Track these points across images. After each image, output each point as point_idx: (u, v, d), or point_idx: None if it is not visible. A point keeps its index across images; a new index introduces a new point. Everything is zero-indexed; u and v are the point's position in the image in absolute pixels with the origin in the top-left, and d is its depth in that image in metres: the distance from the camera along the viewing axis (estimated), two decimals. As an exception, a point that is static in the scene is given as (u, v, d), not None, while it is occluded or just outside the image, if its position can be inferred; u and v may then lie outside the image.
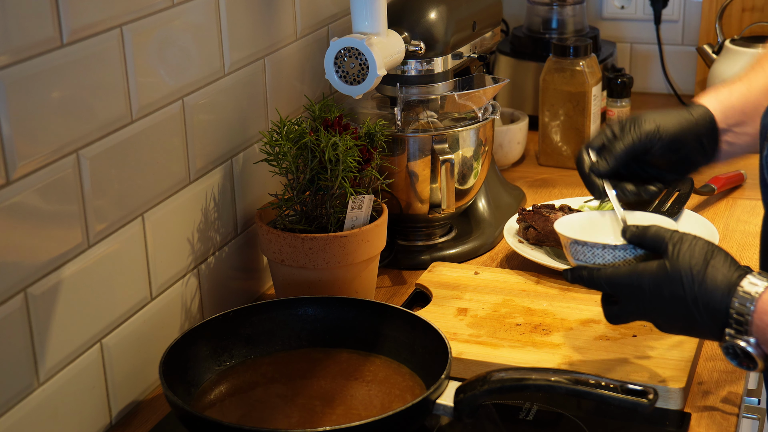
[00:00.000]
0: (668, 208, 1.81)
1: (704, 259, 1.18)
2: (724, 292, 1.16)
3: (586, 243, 1.28)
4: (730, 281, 1.16)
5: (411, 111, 1.70)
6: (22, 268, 1.16)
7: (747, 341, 1.15)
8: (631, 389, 1.18)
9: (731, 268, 1.17)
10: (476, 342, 1.46)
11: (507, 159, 2.10)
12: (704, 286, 1.16)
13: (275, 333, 1.40)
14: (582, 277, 1.26)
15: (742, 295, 1.15)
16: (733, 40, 2.27)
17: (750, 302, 1.14)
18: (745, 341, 1.15)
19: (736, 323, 1.15)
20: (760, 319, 1.13)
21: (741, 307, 1.14)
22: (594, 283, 1.25)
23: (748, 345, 1.15)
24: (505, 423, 1.32)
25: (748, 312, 1.14)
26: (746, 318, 1.14)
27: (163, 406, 1.37)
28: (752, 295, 1.14)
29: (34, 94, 1.15)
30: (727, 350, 1.16)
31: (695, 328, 1.20)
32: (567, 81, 2.06)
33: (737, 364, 1.17)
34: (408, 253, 1.74)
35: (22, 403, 1.18)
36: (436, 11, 1.66)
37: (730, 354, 1.16)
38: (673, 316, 1.20)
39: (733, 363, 1.17)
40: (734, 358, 1.17)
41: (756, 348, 1.15)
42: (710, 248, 1.19)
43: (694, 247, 1.19)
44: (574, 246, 1.29)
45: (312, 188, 1.49)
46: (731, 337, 1.16)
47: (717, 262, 1.17)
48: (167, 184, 1.40)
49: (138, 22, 1.30)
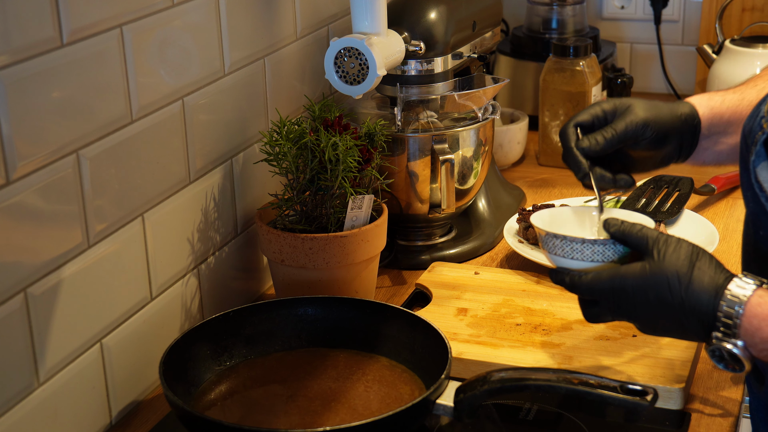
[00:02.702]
0: (668, 208, 1.81)
1: (690, 262, 1.17)
2: (711, 295, 1.15)
3: (565, 237, 1.24)
4: (717, 284, 1.15)
5: (411, 111, 1.70)
6: (22, 268, 1.16)
7: (735, 344, 1.14)
8: (631, 389, 1.18)
9: (717, 270, 1.17)
10: (476, 342, 1.46)
11: (507, 159, 2.10)
12: (691, 289, 1.16)
13: (275, 333, 1.40)
14: (563, 282, 1.25)
15: (731, 299, 1.14)
16: (733, 40, 2.26)
17: (738, 305, 1.13)
18: (733, 344, 1.14)
19: (724, 326, 1.14)
20: (749, 322, 1.13)
21: (729, 311, 1.14)
22: (575, 288, 1.24)
23: (735, 348, 1.14)
24: (505, 423, 1.32)
25: (737, 315, 1.13)
26: (735, 321, 1.14)
27: (163, 406, 1.37)
28: (740, 299, 1.14)
29: (34, 94, 1.15)
30: (713, 353, 1.16)
31: (679, 331, 1.19)
32: (567, 81, 2.06)
33: (723, 367, 1.16)
34: (408, 253, 1.74)
35: (22, 403, 1.18)
36: (436, 11, 1.66)
37: (716, 357, 1.16)
38: (657, 319, 1.20)
39: (719, 366, 1.16)
40: (720, 361, 1.16)
41: (744, 351, 1.14)
42: (695, 250, 1.18)
43: (680, 249, 1.18)
44: (552, 240, 1.25)
45: (312, 188, 1.49)
46: (718, 340, 1.15)
47: (703, 265, 1.17)
48: (167, 184, 1.40)
49: (138, 22, 1.30)
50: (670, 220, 1.79)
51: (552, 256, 1.26)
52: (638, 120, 1.32)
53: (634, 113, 1.33)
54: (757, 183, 1.17)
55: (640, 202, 1.84)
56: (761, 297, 1.14)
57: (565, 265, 1.25)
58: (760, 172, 1.16)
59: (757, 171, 1.17)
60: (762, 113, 1.16)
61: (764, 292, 1.14)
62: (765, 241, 1.20)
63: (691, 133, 1.36)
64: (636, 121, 1.32)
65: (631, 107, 1.33)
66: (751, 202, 1.20)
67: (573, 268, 1.24)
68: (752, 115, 1.19)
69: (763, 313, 1.13)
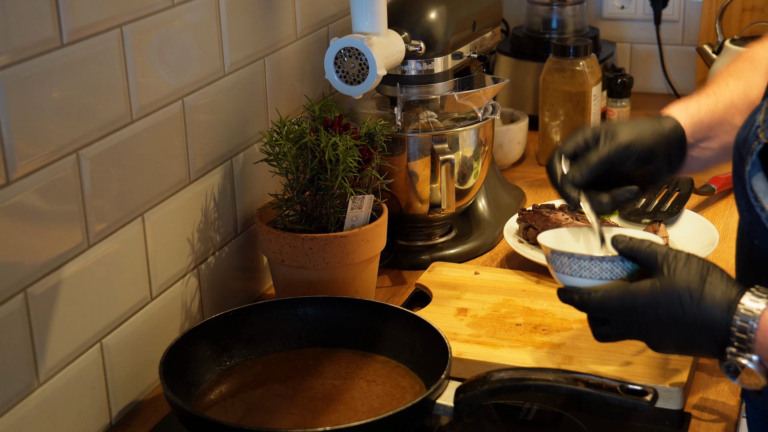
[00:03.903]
0: (668, 208, 1.81)
1: (701, 277, 1.15)
2: (724, 309, 1.13)
3: (572, 255, 1.22)
4: (730, 298, 1.13)
5: (411, 111, 1.70)
6: (22, 268, 1.16)
7: (750, 359, 1.12)
8: (631, 389, 1.17)
9: (729, 284, 1.15)
10: (476, 342, 1.46)
11: (507, 159, 2.10)
12: (703, 305, 1.14)
13: (275, 333, 1.40)
14: (572, 300, 1.23)
15: (744, 313, 1.12)
16: (733, 40, 2.26)
17: (753, 320, 1.11)
18: (748, 359, 1.12)
19: (738, 341, 1.12)
20: (764, 336, 1.11)
21: (743, 325, 1.12)
22: (586, 306, 1.22)
23: (750, 362, 1.12)
24: (505, 423, 1.32)
25: (751, 329, 1.11)
26: (749, 336, 1.12)
27: (163, 406, 1.36)
28: (755, 313, 1.12)
29: (34, 94, 1.15)
30: (728, 368, 1.14)
31: (692, 347, 1.18)
32: (567, 81, 2.06)
33: (738, 383, 1.14)
34: (408, 253, 1.74)
35: (22, 403, 1.18)
36: (436, 11, 1.66)
37: (731, 372, 1.14)
38: (668, 336, 1.18)
39: (734, 381, 1.14)
40: (735, 376, 1.14)
41: (759, 366, 1.12)
42: (705, 265, 1.17)
43: (690, 264, 1.16)
44: (560, 258, 1.23)
45: (312, 188, 1.49)
46: (732, 356, 1.13)
47: (714, 279, 1.15)
48: (167, 184, 1.40)
49: (138, 22, 1.30)
50: (670, 220, 1.79)
51: (560, 275, 1.25)
52: (620, 141, 1.31)
53: (615, 136, 1.32)
54: (753, 193, 1.15)
55: (640, 202, 1.84)
56: None
57: (574, 284, 1.23)
58: (755, 182, 1.15)
59: (753, 181, 1.15)
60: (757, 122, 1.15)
61: None
62: (761, 250, 1.19)
63: (679, 146, 1.34)
64: (618, 142, 1.31)
65: (611, 131, 1.33)
66: (746, 212, 1.19)
67: (582, 286, 1.23)
68: (746, 125, 1.17)
69: None
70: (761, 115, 1.15)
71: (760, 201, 1.15)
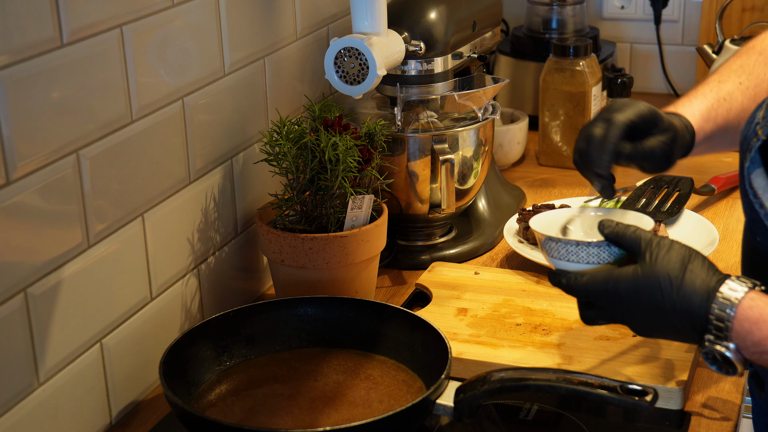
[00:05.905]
0: (668, 208, 1.81)
1: (682, 264, 1.16)
2: (702, 297, 1.14)
3: (560, 240, 1.25)
4: (709, 286, 1.14)
5: (411, 111, 1.70)
6: (22, 268, 1.16)
7: (727, 347, 1.13)
8: (631, 389, 1.17)
9: (710, 272, 1.16)
10: (476, 342, 1.46)
11: (507, 159, 2.10)
12: (682, 292, 1.15)
13: (275, 333, 1.40)
14: (560, 284, 1.25)
15: (722, 301, 1.13)
16: (733, 40, 2.26)
17: (730, 308, 1.12)
18: (725, 347, 1.13)
19: (716, 329, 1.14)
20: (740, 325, 1.12)
21: (720, 313, 1.13)
22: (572, 290, 1.24)
23: (727, 350, 1.13)
24: (505, 423, 1.32)
25: (728, 318, 1.13)
26: (726, 324, 1.13)
27: (163, 406, 1.37)
28: (732, 301, 1.13)
29: (34, 94, 1.15)
30: (706, 356, 1.15)
31: (673, 333, 1.19)
32: (567, 81, 2.06)
33: (717, 369, 1.15)
34: (408, 253, 1.74)
35: (22, 403, 1.18)
36: (436, 11, 1.66)
37: (709, 359, 1.15)
38: (651, 322, 1.19)
39: (712, 368, 1.16)
40: (713, 363, 1.15)
41: (736, 354, 1.13)
42: (688, 252, 1.17)
43: (672, 251, 1.17)
44: (549, 243, 1.26)
45: (312, 188, 1.49)
46: (711, 343, 1.14)
47: (695, 267, 1.16)
48: (167, 184, 1.40)
49: (138, 22, 1.30)
50: (670, 220, 1.79)
51: (551, 259, 1.27)
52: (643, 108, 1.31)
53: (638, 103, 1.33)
54: (752, 189, 1.16)
55: (640, 202, 1.84)
56: (753, 300, 1.13)
57: (563, 268, 1.26)
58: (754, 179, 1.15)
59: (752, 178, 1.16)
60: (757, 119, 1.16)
61: (756, 295, 1.13)
62: (762, 246, 1.19)
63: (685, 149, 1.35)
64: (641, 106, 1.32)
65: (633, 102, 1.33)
66: (748, 209, 1.19)
67: (570, 270, 1.25)
68: (748, 122, 1.18)
69: (754, 315, 1.12)
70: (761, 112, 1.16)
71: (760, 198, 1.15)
